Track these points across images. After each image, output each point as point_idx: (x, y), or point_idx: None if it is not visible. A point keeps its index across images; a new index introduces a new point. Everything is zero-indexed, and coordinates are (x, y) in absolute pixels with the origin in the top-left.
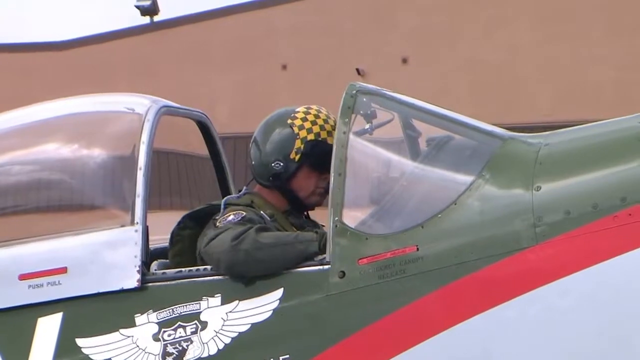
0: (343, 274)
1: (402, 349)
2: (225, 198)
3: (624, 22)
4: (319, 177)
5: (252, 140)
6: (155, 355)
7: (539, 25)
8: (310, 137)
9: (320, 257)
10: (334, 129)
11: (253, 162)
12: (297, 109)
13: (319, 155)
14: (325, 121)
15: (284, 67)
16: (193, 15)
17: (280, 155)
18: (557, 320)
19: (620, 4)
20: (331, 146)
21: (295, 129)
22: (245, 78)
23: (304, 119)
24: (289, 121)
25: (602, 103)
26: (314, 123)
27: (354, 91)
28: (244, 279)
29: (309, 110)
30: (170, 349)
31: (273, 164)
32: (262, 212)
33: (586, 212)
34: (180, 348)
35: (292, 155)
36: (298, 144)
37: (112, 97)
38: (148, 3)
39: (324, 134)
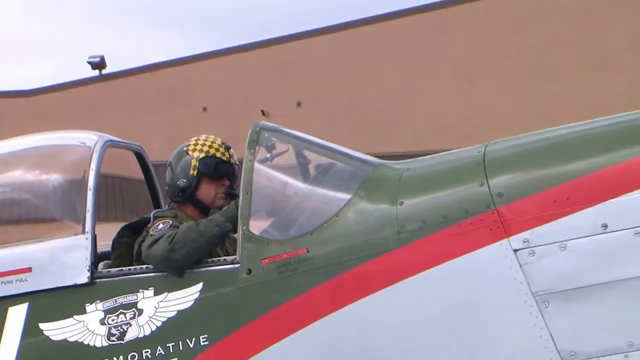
0: (249, 271)
1: (297, 328)
2: (154, 211)
3: (473, 71)
4: (216, 185)
5: (166, 170)
6: (102, 336)
7: (404, 74)
8: (201, 155)
9: (231, 258)
10: (218, 148)
11: (167, 185)
12: (191, 140)
13: (210, 166)
14: (211, 144)
15: (204, 109)
16: (133, 68)
17: (182, 175)
18: (414, 305)
19: (469, 56)
20: (219, 159)
21: (190, 153)
22: (174, 117)
23: (195, 144)
24: (185, 149)
25: (453, 136)
26: (203, 145)
27: (258, 128)
28: (172, 276)
29: (198, 138)
30: (113, 330)
31: (179, 183)
32: (183, 222)
33: (438, 221)
34: (122, 330)
35: (191, 172)
36: (194, 162)
37: (68, 133)
38: (97, 60)
39: (211, 151)
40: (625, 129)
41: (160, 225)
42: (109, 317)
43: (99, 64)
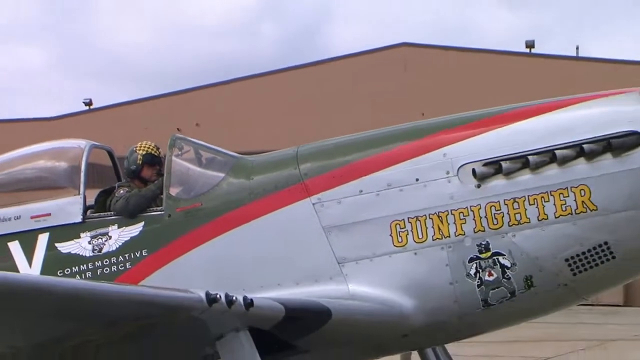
0: (170, 216)
1: (192, 248)
2: (117, 183)
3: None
4: (152, 169)
5: (125, 159)
6: (89, 250)
7: None
8: (143, 152)
9: (160, 208)
10: (152, 148)
11: (125, 169)
12: (137, 144)
13: (148, 158)
14: (148, 146)
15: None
16: (111, 105)
17: (133, 163)
18: (257, 233)
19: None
20: (153, 154)
21: (137, 151)
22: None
23: (140, 146)
24: (134, 149)
25: None
26: (144, 147)
27: (174, 137)
28: (127, 218)
29: (142, 142)
30: (95, 247)
31: (131, 167)
32: (133, 190)
33: (272, 188)
34: (100, 247)
35: (138, 161)
36: (139, 156)
37: (70, 140)
38: (88, 100)
39: (149, 150)
40: (390, 133)
41: (122, 191)
42: (92, 240)
43: (88, 102)
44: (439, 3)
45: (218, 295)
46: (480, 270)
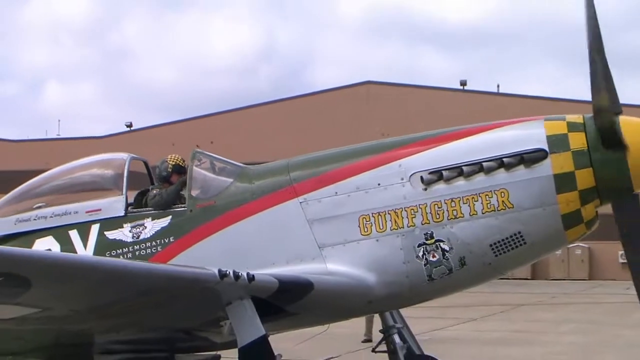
0: (191, 211)
1: (208, 235)
2: (150, 186)
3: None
4: (179, 176)
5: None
6: (129, 236)
7: None
8: (172, 162)
9: (183, 205)
10: (179, 160)
11: (157, 175)
12: (168, 156)
13: (176, 167)
14: (177, 158)
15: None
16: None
17: (164, 170)
18: (257, 225)
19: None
20: (179, 165)
21: (168, 161)
22: (165, 149)
23: (170, 158)
24: (165, 160)
25: None
26: (173, 158)
27: (194, 151)
28: (159, 212)
29: (172, 155)
30: (134, 235)
31: (163, 174)
32: (163, 191)
33: (269, 190)
34: (137, 235)
35: (168, 169)
36: (170, 166)
37: (115, 153)
38: (129, 123)
39: (177, 161)
40: (359, 149)
41: (154, 191)
42: (132, 229)
43: (129, 124)
44: (395, 51)
45: (227, 272)
46: (426, 253)
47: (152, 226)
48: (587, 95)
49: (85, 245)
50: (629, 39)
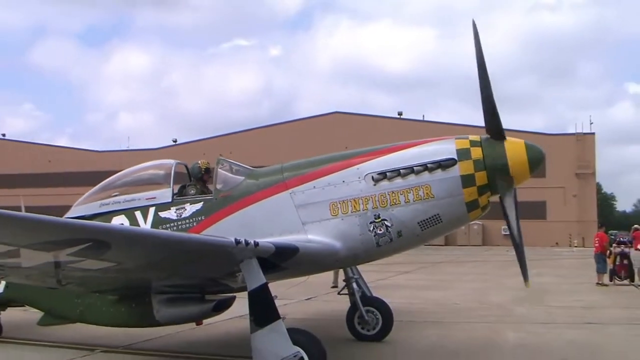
0: (216, 199)
1: (228, 215)
2: (187, 183)
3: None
4: (208, 175)
5: (191, 170)
6: (174, 216)
7: None
8: (203, 166)
9: (211, 195)
10: (208, 164)
11: (193, 174)
12: (200, 160)
13: (206, 170)
14: (207, 162)
15: (204, 154)
16: (186, 142)
17: (197, 171)
18: (263, 208)
19: None
20: (208, 168)
21: (200, 165)
22: (198, 157)
23: (202, 162)
24: (197, 163)
25: None
26: (204, 163)
27: (219, 157)
28: (195, 198)
29: (203, 160)
30: (177, 214)
31: (198, 174)
32: (196, 186)
33: (269, 185)
34: (180, 214)
35: (202, 171)
36: (202, 168)
37: (165, 160)
38: (174, 139)
39: (207, 165)
40: (330, 157)
41: (190, 186)
42: (176, 211)
43: (174, 140)
44: (353, 90)
45: (241, 240)
46: (375, 228)
47: (190, 209)
48: (481, 122)
49: (145, 222)
50: (512, 84)
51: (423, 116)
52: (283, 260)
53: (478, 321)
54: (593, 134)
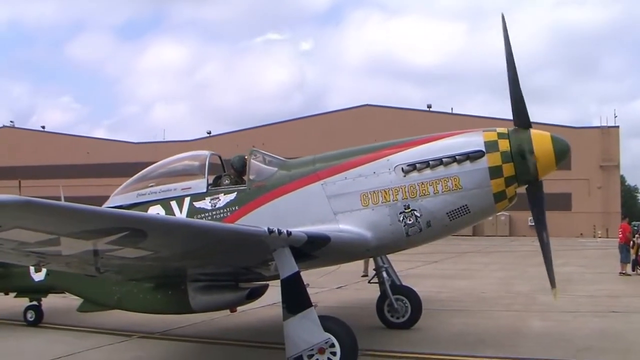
0: (250, 188)
1: (261, 205)
2: (222, 174)
3: None
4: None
5: (233, 162)
6: (209, 206)
7: None
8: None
9: (244, 185)
10: (243, 156)
11: (232, 165)
12: (236, 154)
13: (242, 160)
14: (241, 155)
15: (237, 146)
16: (220, 133)
17: (239, 162)
18: (295, 198)
19: None
20: (244, 158)
21: (245, 157)
22: (232, 149)
23: (244, 155)
24: (236, 156)
25: None
26: (239, 155)
27: (252, 149)
28: (229, 188)
29: (238, 154)
30: (212, 204)
31: (240, 166)
32: (232, 176)
33: (304, 175)
34: (215, 204)
35: (238, 161)
36: (238, 159)
37: (200, 151)
38: (209, 131)
39: (242, 156)
40: (361, 149)
41: (225, 176)
42: (211, 201)
43: (209, 132)
44: (384, 84)
45: (274, 229)
46: (405, 218)
47: (224, 199)
48: (509, 115)
49: (180, 211)
50: (537, 78)
51: (452, 109)
52: (315, 250)
53: (504, 309)
54: (617, 127)
